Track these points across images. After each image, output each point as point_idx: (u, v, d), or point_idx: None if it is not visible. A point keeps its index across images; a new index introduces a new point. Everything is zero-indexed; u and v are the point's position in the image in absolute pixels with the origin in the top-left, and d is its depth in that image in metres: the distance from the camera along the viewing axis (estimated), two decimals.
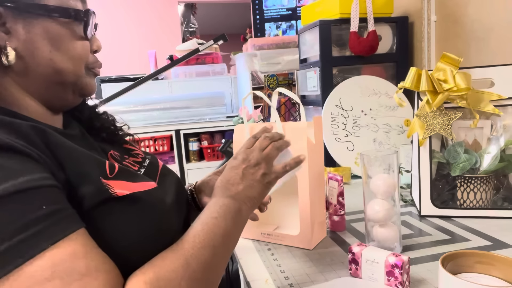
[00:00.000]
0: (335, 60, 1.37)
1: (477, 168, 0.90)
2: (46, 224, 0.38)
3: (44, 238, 0.38)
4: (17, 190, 0.38)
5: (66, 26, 0.53)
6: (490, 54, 1.15)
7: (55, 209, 0.40)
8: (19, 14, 0.49)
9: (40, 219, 0.38)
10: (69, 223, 0.41)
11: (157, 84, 2.86)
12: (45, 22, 0.51)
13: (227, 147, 1.37)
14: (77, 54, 0.55)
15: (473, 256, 0.53)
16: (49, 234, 0.38)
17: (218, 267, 0.50)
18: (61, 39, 0.52)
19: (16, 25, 0.49)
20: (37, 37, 0.51)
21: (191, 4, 4.57)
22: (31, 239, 0.37)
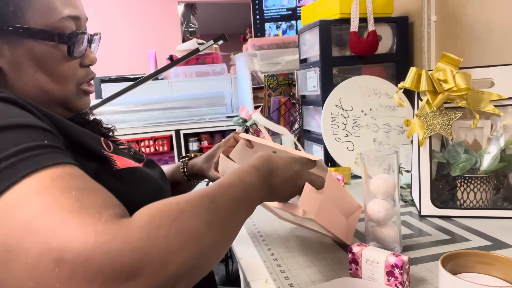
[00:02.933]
0: (335, 60, 1.37)
1: (477, 168, 0.90)
2: (49, 151, 0.39)
3: (46, 159, 0.38)
4: (26, 124, 0.40)
5: (50, 48, 0.53)
6: (490, 54, 1.15)
7: (58, 146, 0.41)
8: (4, 35, 0.50)
9: (44, 147, 0.39)
10: (66, 157, 0.40)
11: (157, 84, 2.86)
12: (29, 43, 0.51)
13: None
14: (63, 75, 0.55)
15: (473, 256, 0.53)
16: (51, 158, 0.38)
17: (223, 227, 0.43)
18: (46, 60, 0.53)
19: (1, 45, 0.50)
20: (22, 59, 0.51)
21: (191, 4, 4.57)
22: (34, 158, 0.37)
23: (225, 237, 0.43)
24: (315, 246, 0.79)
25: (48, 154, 0.38)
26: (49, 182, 0.35)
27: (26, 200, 0.34)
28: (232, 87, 2.99)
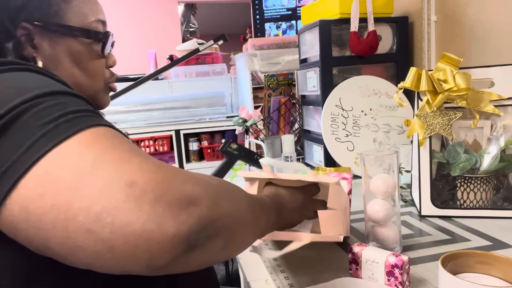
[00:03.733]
0: (335, 60, 1.37)
1: (477, 168, 0.90)
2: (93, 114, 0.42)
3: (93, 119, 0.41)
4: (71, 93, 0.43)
5: (86, 45, 0.60)
6: (490, 54, 1.15)
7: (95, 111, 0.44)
8: (46, 32, 0.55)
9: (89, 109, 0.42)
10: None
11: (157, 84, 2.86)
12: (68, 41, 0.57)
13: (227, 147, 1.37)
14: (95, 70, 0.61)
15: (473, 256, 0.53)
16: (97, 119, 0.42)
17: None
18: (81, 56, 0.59)
19: (42, 41, 0.55)
20: (61, 53, 0.57)
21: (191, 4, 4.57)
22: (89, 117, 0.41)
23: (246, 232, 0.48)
24: (315, 246, 0.79)
25: (96, 116, 0.43)
26: (109, 132, 0.41)
27: (94, 141, 0.38)
28: (232, 87, 2.99)
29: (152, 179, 0.36)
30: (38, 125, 0.38)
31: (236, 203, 0.45)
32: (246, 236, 0.48)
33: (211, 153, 2.84)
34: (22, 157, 0.37)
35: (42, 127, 0.38)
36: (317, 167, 1.25)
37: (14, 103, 0.39)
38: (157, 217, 0.35)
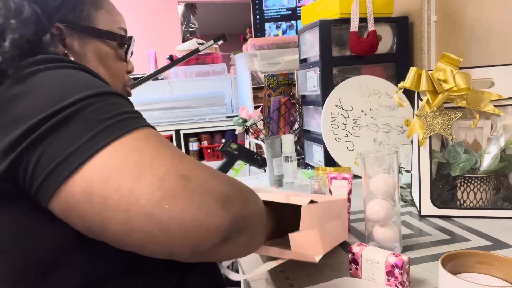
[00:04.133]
0: (335, 60, 1.37)
1: (477, 168, 0.90)
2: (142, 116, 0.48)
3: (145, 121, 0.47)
4: (119, 94, 0.48)
5: (112, 48, 0.65)
6: (490, 54, 1.15)
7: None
8: (76, 33, 0.60)
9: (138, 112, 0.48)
10: None
11: (157, 84, 2.86)
12: (96, 42, 0.63)
13: (227, 147, 1.37)
14: (117, 72, 0.67)
15: (473, 256, 0.53)
16: (146, 122, 0.47)
17: None
18: (107, 57, 0.64)
19: (73, 41, 0.60)
20: (89, 53, 0.62)
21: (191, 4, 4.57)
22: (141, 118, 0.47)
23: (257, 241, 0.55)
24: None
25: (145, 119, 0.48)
26: (158, 134, 0.46)
27: (150, 140, 0.44)
28: (232, 87, 2.99)
29: (201, 176, 0.43)
30: (99, 119, 0.43)
31: (258, 205, 0.52)
32: (261, 236, 0.56)
33: (211, 153, 2.84)
34: (86, 144, 0.41)
35: (103, 121, 0.43)
36: (317, 167, 1.25)
37: (77, 96, 0.43)
38: (207, 208, 0.41)
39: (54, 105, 0.42)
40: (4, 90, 0.44)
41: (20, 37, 0.50)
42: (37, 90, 0.44)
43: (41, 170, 0.41)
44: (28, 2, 0.54)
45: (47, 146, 0.41)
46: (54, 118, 0.42)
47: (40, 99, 0.43)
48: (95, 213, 0.41)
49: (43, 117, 0.42)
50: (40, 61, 0.47)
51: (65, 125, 0.42)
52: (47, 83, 0.45)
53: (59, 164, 0.41)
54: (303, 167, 1.59)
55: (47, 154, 0.41)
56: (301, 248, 0.58)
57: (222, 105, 2.87)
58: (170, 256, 0.43)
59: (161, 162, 0.42)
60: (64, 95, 0.43)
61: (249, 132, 1.75)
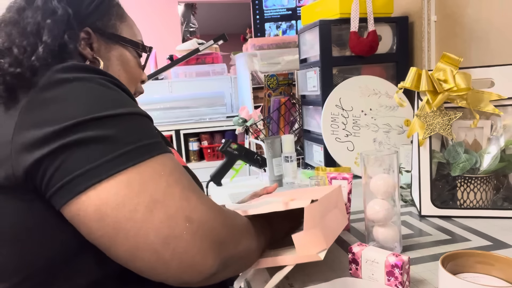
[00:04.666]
0: (335, 60, 1.37)
1: (477, 168, 0.90)
2: (160, 140, 0.50)
3: (163, 146, 0.50)
4: (143, 113, 0.51)
5: (133, 55, 0.71)
6: (490, 54, 1.15)
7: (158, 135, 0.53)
8: (103, 39, 0.65)
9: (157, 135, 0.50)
10: None
11: (157, 84, 2.85)
12: (120, 48, 0.68)
13: (227, 147, 1.37)
14: (135, 77, 0.72)
15: (473, 256, 0.53)
16: (164, 145, 0.50)
17: None
18: (128, 63, 0.70)
19: (100, 45, 0.65)
20: (113, 57, 0.67)
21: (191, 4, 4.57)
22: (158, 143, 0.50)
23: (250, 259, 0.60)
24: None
25: (162, 142, 0.51)
26: (172, 165, 0.49)
27: (164, 172, 0.47)
28: (232, 87, 2.99)
29: (202, 219, 0.46)
30: (121, 142, 0.46)
31: (250, 238, 0.56)
32: (253, 259, 0.60)
33: (211, 153, 2.84)
34: (106, 164, 0.44)
35: (124, 145, 0.45)
36: (317, 167, 1.25)
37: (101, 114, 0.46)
38: (204, 252, 0.45)
39: (78, 117, 0.45)
40: (35, 94, 0.47)
41: (54, 39, 0.54)
42: (64, 100, 0.46)
43: (59, 179, 0.44)
44: (63, 5, 0.58)
45: (68, 157, 0.44)
46: (79, 129, 0.44)
47: (65, 109, 0.46)
48: (103, 234, 0.44)
49: (67, 126, 0.44)
50: (70, 69, 0.49)
51: (88, 139, 0.44)
52: (74, 95, 0.47)
53: (76, 177, 0.43)
54: (303, 167, 1.60)
55: (66, 164, 0.44)
56: (305, 248, 0.58)
57: (222, 105, 2.87)
58: (161, 281, 0.47)
59: (172, 200, 0.45)
60: (89, 110, 0.46)
61: (249, 132, 1.75)
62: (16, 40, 0.53)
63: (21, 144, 0.45)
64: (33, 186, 0.45)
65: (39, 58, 0.50)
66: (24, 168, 0.44)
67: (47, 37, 0.53)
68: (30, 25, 0.54)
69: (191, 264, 0.45)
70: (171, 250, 0.44)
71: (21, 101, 0.47)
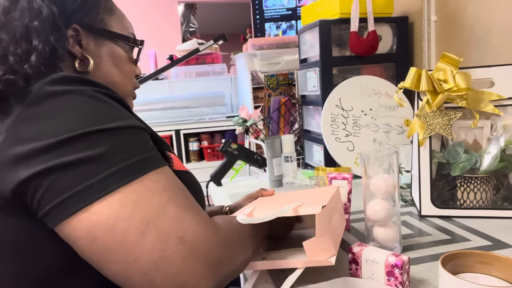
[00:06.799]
0: (335, 60, 1.37)
1: (477, 168, 0.90)
2: (155, 153, 0.50)
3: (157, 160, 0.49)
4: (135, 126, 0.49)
5: (125, 50, 0.67)
6: (490, 54, 1.15)
7: (154, 146, 0.51)
8: (92, 35, 0.62)
9: (152, 149, 0.50)
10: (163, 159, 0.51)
11: (157, 84, 2.86)
12: (110, 44, 0.65)
13: (227, 147, 1.37)
14: (128, 73, 0.68)
15: (473, 256, 0.53)
16: (158, 159, 0.49)
17: None
18: (120, 58, 0.66)
19: (89, 42, 0.62)
20: (104, 53, 0.64)
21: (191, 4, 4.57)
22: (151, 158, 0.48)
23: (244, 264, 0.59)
24: None
25: (156, 155, 0.49)
26: (165, 181, 0.47)
27: (157, 190, 0.46)
28: (232, 87, 2.99)
29: (196, 240, 0.45)
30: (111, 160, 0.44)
31: (246, 250, 0.56)
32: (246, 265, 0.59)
33: (211, 153, 2.84)
34: (96, 185, 0.43)
35: (115, 163, 0.44)
36: (317, 167, 1.25)
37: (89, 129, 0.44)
38: (197, 274, 0.44)
39: (66, 133, 0.43)
40: (22, 109, 0.45)
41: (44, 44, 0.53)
42: (52, 115, 0.45)
43: (48, 201, 0.43)
44: (47, 3, 0.56)
45: (56, 178, 0.42)
46: (67, 147, 0.43)
47: (53, 125, 0.44)
48: (94, 256, 0.43)
49: (53, 144, 0.43)
50: (59, 81, 0.48)
51: (77, 159, 0.43)
52: (62, 109, 0.45)
53: (66, 199, 0.42)
54: (303, 167, 1.60)
55: (55, 186, 0.42)
56: (316, 253, 0.58)
57: (222, 105, 2.87)
58: None
59: (164, 220, 0.44)
60: (77, 125, 0.44)
61: (249, 132, 1.75)
62: (10, 48, 0.51)
63: (6, 162, 0.43)
64: (23, 204, 0.44)
65: (31, 66, 0.49)
66: (11, 188, 0.43)
67: (38, 42, 0.52)
68: (19, 29, 0.53)
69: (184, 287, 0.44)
70: (162, 274, 0.43)
71: (11, 115, 0.46)
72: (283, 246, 0.69)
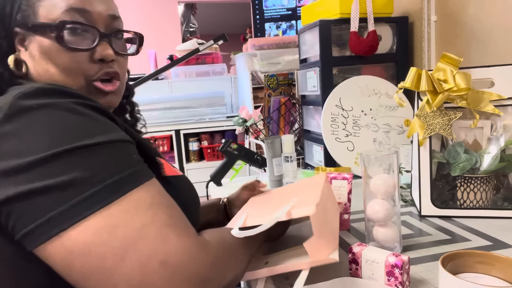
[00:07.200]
0: (335, 60, 1.37)
1: (477, 168, 0.90)
2: (139, 167, 0.46)
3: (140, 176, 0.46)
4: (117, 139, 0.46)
5: (53, 40, 0.55)
6: (490, 54, 1.15)
7: (140, 159, 0.48)
8: (24, 32, 0.55)
9: (136, 163, 0.46)
10: (150, 171, 0.48)
11: (157, 84, 2.85)
12: (39, 38, 0.55)
13: (227, 147, 1.37)
14: (67, 67, 0.55)
15: (473, 256, 0.53)
16: (143, 174, 0.46)
17: None
18: (51, 52, 0.55)
19: (29, 43, 0.55)
20: (36, 52, 0.55)
21: (191, 4, 4.57)
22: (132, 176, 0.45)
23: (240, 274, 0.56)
24: None
25: (141, 169, 0.46)
26: (149, 199, 0.44)
27: (138, 211, 0.43)
28: (232, 87, 2.99)
29: (181, 261, 0.42)
30: (85, 182, 0.41)
31: (239, 263, 0.54)
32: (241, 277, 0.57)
33: (211, 153, 2.84)
34: (70, 210, 0.40)
35: (90, 185, 0.41)
36: (317, 167, 1.25)
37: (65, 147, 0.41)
38: None
39: (39, 152, 0.41)
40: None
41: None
42: (24, 133, 0.42)
43: (21, 227, 0.41)
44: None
45: (29, 203, 0.40)
46: (40, 169, 0.40)
47: (25, 144, 0.41)
48: (74, 280, 0.42)
49: (25, 165, 0.40)
50: (33, 95, 0.44)
51: (50, 184, 0.40)
52: (35, 126, 0.42)
53: (39, 226, 0.40)
54: (303, 167, 1.59)
55: (28, 211, 0.40)
56: (317, 252, 0.57)
57: (222, 105, 2.87)
58: None
59: (145, 243, 0.41)
60: (50, 144, 0.41)
61: (249, 132, 1.75)
62: None
63: None
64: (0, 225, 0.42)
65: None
66: None
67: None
68: None
69: None
70: None
71: None
72: (283, 247, 0.69)
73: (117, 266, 0.40)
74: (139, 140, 0.53)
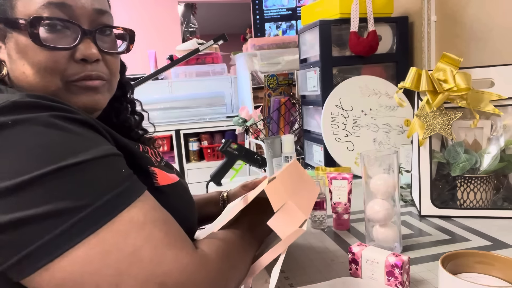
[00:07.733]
0: (335, 60, 1.37)
1: (477, 168, 0.90)
2: (129, 183, 0.43)
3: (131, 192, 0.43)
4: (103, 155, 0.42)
5: (28, 36, 0.50)
6: (490, 54, 1.15)
7: (130, 172, 0.45)
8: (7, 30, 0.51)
9: (126, 178, 0.43)
10: (141, 184, 0.45)
11: (157, 84, 2.85)
12: (15, 35, 0.50)
13: (227, 147, 1.37)
14: (43, 66, 0.50)
15: (473, 256, 0.53)
16: (133, 190, 0.43)
17: None
18: (26, 51, 0.50)
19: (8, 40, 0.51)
20: (12, 51, 0.51)
21: (191, 4, 4.57)
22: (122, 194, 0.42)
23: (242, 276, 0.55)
24: (315, 246, 0.79)
25: (131, 185, 0.43)
26: (141, 217, 0.42)
27: (130, 232, 0.40)
28: (232, 87, 2.99)
29: (180, 281, 0.41)
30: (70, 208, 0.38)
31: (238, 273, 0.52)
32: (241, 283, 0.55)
33: (211, 153, 2.84)
34: (57, 240, 0.37)
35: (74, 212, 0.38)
36: (317, 167, 1.25)
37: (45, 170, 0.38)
38: None
39: (16, 177, 0.37)
40: None
41: None
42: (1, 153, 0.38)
43: (5, 259, 0.37)
44: None
45: (10, 234, 0.37)
46: (19, 196, 0.37)
47: (1, 166, 0.38)
48: None
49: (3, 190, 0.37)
50: (8, 110, 0.40)
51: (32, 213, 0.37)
52: (9, 146, 0.39)
53: (23, 258, 0.37)
54: (303, 167, 1.59)
55: (11, 243, 0.37)
56: (286, 228, 0.54)
57: (222, 105, 2.87)
58: None
59: (140, 267, 0.39)
60: (28, 167, 0.38)
61: (249, 132, 1.75)
62: None
63: None
64: None
65: None
66: None
67: None
68: None
69: None
70: None
71: None
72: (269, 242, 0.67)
73: None
74: (130, 150, 0.50)
